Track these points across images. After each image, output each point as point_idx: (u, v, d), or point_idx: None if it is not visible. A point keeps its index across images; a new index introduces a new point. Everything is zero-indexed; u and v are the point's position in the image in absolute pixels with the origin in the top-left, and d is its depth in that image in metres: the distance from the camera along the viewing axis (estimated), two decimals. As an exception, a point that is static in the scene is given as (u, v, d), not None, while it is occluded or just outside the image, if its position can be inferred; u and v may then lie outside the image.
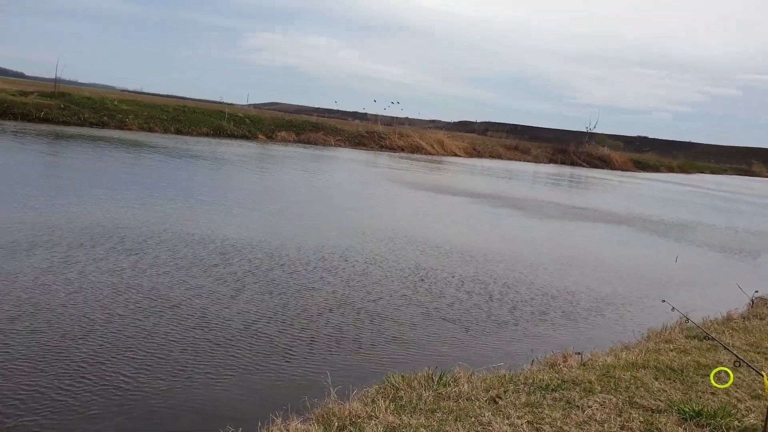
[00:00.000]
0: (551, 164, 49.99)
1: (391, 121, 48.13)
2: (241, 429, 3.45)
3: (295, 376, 4.75)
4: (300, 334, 5.58)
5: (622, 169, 54.78)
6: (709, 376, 4.64)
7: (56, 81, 31.90)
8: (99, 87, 69.02)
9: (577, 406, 3.96)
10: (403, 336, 5.90)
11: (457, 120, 79.00)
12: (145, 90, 67.97)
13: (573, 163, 51.88)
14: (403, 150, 40.21)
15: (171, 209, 10.69)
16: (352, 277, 7.64)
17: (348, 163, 26.97)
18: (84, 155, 17.78)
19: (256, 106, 57.25)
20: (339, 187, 17.50)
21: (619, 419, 3.79)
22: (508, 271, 8.99)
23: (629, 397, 4.18)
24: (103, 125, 28.01)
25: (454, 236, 11.40)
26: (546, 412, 3.81)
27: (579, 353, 5.19)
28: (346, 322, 6.03)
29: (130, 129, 28.57)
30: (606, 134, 70.34)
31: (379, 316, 6.36)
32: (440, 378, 4.28)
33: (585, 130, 59.06)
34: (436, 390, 4.08)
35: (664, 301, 5.05)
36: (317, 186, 17.09)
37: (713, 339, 4.73)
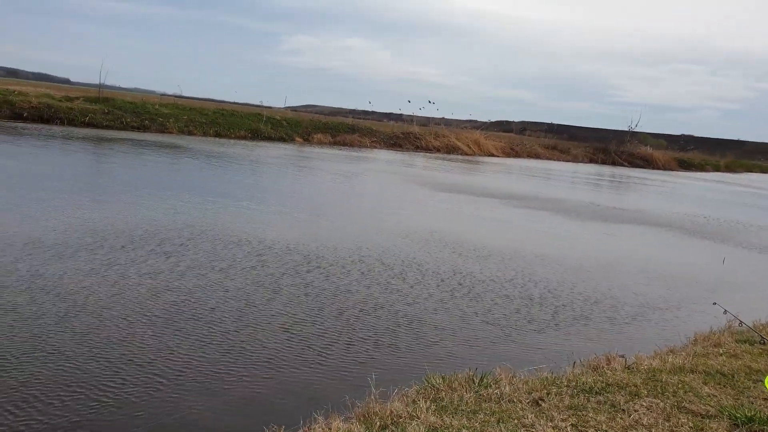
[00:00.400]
0: (591, 164, 49.16)
1: (426, 122, 48.02)
2: (283, 427, 3.46)
3: (336, 377, 4.75)
4: (339, 336, 5.59)
5: (666, 169, 53.53)
6: (762, 381, 4.48)
7: (100, 86, 32.84)
8: (140, 91, 70.54)
9: (623, 409, 3.86)
10: (442, 338, 5.86)
11: (494, 120, 78.23)
12: (185, 94, 69.18)
13: (614, 163, 50.92)
14: (438, 150, 40.06)
15: (209, 211, 10.85)
16: (389, 280, 7.63)
17: (381, 164, 26.98)
18: (126, 159, 18.19)
19: (292, 108, 57.89)
20: (373, 189, 17.51)
21: (667, 424, 3.68)
22: (549, 274, 8.85)
23: (677, 401, 4.06)
24: (144, 129, 28.66)
25: (492, 238, 11.29)
26: (591, 415, 3.73)
27: (623, 356, 5.07)
28: (384, 324, 6.02)
29: (170, 132, 29.15)
30: (649, 133, 68.69)
31: (417, 318, 6.33)
32: (481, 379, 4.23)
33: (626, 129, 57.85)
34: (477, 391, 4.03)
35: (715, 303, 4.90)
36: (350, 188, 17.13)
37: (766, 343, 4.56)
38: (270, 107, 43.40)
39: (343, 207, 13.42)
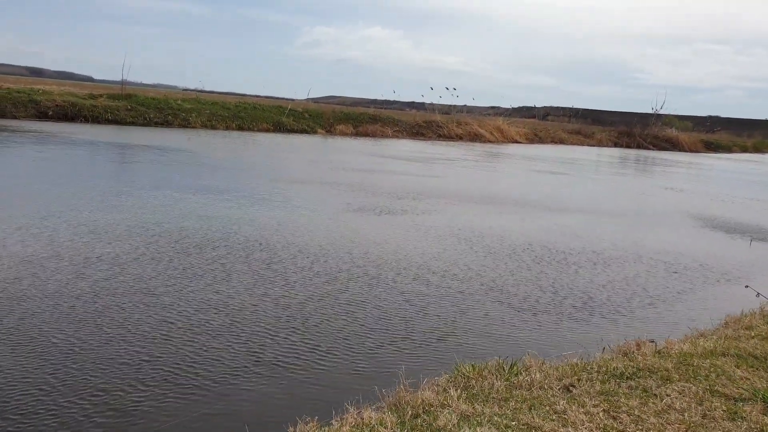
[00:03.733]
0: (616, 148, 48.52)
1: (448, 110, 47.75)
2: (316, 417, 3.53)
3: (366, 367, 4.80)
4: (366, 326, 5.64)
5: (692, 151, 52.61)
6: (796, 363, 4.44)
7: (123, 83, 33.25)
8: (162, 87, 71.36)
9: (655, 394, 3.85)
10: (471, 325, 5.87)
11: (516, 106, 77.48)
12: (207, 89, 69.74)
13: (639, 146, 50.17)
14: (461, 138, 39.85)
15: (238, 210, 10.97)
16: (419, 272, 7.65)
17: (393, 160, 26.91)
18: (151, 156, 18.44)
19: (314, 100, 57.90)
20: (394, 182, 17.51)
21: (700, 408, 3.67)
22: (578, 259, 8.80)
23: (710, 385, 4.04)
24: (167, 124, 28.98)
25: (518, 228, 11.25)
26: (622, 400, 3.73)
27: (653, 341, 5.05)
28: (412, 313, 6.06)
29: (193, 127, 29.44)
30: (674, 115, 67.46)
31: (445, 306, 6.36)
32: (511, 367, 4.25)
33: (651, 112, 56.91)
34: (508, 379, 4.06)
35: (747, 286, 4.85)
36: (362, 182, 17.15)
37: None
38: (292, 99, 43.53)
39: (363, 202, 13.46)
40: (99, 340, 4.84)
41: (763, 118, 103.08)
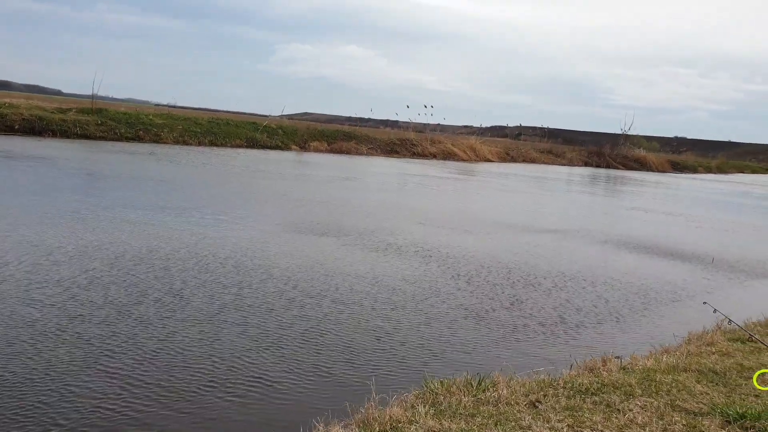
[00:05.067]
0: (586, 167, 49.39)
1: (422, 128, 48.16)
2: (285, 435, 3.53)
3: (335, 383, 4.81)
4: (337, 341, 5.65)
5: (659, 171, 53.83)
6: (752, 378, 4.57)
7: (93, 97, 32.83)
8: (134, 102, 70.74)
9: (618, 409, 3.94)
10: (441, 341, 5.92)
11: (488, 125, 78.47)
12: (179, 104, 69.33)
13: (608, 166, 51.18)
14: (435, 156, 40.18)
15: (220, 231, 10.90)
16: (396, 286, 7.69)
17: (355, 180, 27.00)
18: (124, 168, 18.23)
19: (289, 116, 57.88)
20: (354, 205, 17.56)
21: (660, 422, 3.77)
22: (540, 279, 8.94)
23: (671, 400, 4.14)
24: (138, 140, 28.70)
25: (488, 247, 11.37)
26: (586, 415, 3.81)
27: (618, 357, 5.16)
28: (383, 328, 6.09)
29: (165, 142, 29.18)
30: (642, 135, 69.03)
31: (416, 320, 6.40)
32: (479, 383, 4.30)
33: (620, 132, 58.22)
34: (475, 395, 4.11)
35: (705, 303, 5.00)
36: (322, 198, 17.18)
37: (757, 341, 4.66)
38: (266, 116, 43.40)
39: (328, 215, 13.48)
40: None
41: (726, 140, 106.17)
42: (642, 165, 54.02)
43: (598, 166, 50.68)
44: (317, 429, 3.59)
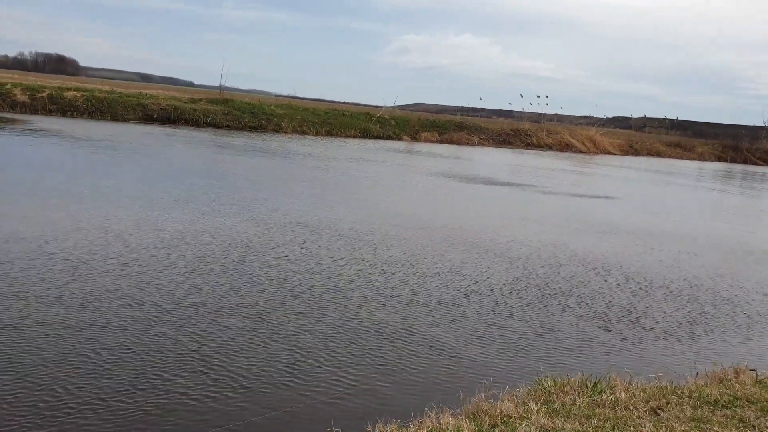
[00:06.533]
0: (719, 162, 45.87)
1: (538, 119, 46.81)
2: (398, 421, 3.56)
3: (448, 376, 4.76)
4: (451, 335, 5.62)
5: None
6: None
7: (221, 88, 34.85)
8: (257, 93, 74.02)
9: (753, 425, 3.62)
10: (554, 340, 5.73)
11: (611, 116, 74.58)
12: (298, 95, 71.82)
13: (746, 161, 47.19)
14: (551, 148, 38.95)
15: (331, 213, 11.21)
16: (511, 283, 7.55)
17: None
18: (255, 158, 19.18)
19: (401, 107, 58.30)
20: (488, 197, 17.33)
21: (803, 444, 3.41)
22: (670, 281, 8.41)
23: (816, 420, 3.74)
24: (261, 129, 30.08)
25: (611, 246, 10.88)
26: (716, 429, 3.53)
27: (753, 370, 4.74)
28: (498, 323, 5.98)
29: (285, 132, 30.38)
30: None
31: (530, 319, 6.23)
32: (595, 384, 4.11)
33: (762, 125, 53.41)
34: (591, 396, 3.93)
35: None
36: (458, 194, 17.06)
37: None
38: (379, 106, 44.00)
39: (455, 211, 13.39)
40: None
41: None
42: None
43: (733, 161, 46.91)
44: (428, 415, 3.59)
